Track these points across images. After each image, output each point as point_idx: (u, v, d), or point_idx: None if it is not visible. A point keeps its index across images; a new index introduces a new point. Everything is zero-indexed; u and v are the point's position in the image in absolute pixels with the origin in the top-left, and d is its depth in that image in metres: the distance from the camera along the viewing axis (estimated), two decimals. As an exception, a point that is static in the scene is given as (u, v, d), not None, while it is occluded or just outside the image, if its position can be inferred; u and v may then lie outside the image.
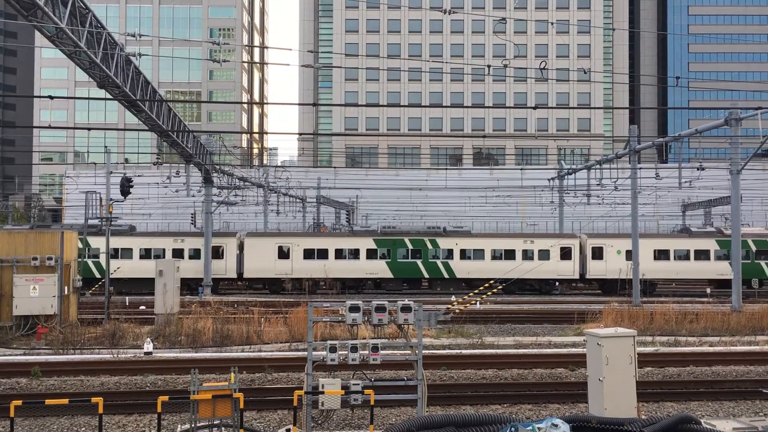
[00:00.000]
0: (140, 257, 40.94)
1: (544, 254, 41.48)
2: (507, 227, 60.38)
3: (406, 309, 11.81)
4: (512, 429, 8.63)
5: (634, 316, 25.24)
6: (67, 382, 16.13)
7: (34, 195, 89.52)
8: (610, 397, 11.11)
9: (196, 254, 40.84)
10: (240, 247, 41.63)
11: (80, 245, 39.27)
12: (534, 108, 19.67)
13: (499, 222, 60.53)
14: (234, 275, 41.30)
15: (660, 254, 41.81)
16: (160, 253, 40.30)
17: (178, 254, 40.35)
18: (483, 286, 35.53)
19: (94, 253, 39.24)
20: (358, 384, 11.55)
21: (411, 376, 12.37)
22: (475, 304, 31.23)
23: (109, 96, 23.76)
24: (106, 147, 35.15)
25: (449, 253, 41.90)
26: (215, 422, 11.21)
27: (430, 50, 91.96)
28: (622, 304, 30.11)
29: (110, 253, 27.76)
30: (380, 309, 11.76)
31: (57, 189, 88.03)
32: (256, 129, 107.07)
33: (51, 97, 16.95)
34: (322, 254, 41.28)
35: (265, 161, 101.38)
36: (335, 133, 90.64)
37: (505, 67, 29.94)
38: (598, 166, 43.18)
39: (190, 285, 38.93)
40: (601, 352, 11.22)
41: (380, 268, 41.60)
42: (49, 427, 12.72)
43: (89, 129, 21.71)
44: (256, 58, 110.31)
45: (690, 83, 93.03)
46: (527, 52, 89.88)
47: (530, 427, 8.57)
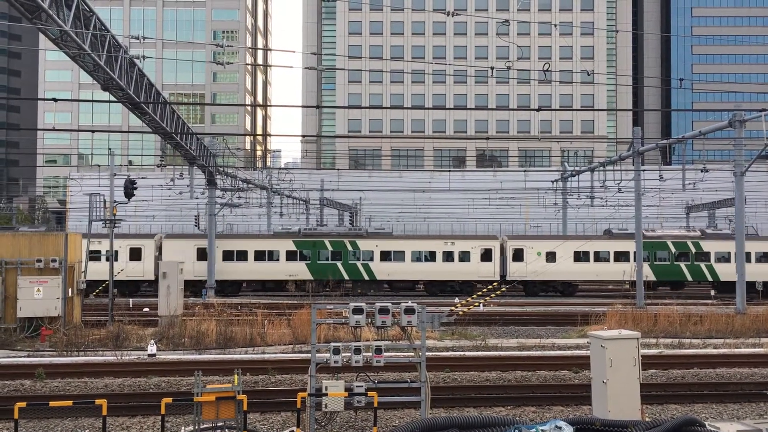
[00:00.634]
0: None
1: (465, 256, 41.24)
2: (510, 229, 60.31)
3: (409, 311, 11.82)
4: (516, 431, 8.63)
5: (638, 318, 25.20)
6: (71, 384, 16.15)
7: (39, 197, 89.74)
8: (614, 400, 11.09)
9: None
10: (159, 248, 41.17)
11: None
12: (537, 110, 19.66)
13: (503, 224, 60.47)
14: (152, 277, 40.05)
15: (581, 256, 41.57)
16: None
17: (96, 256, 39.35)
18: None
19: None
20: (362, 386, 11.55)
21: (414, 378, 12.37)
22: (478, 306, 31.22)
23: (113, 98, 23.81)
24: (109, 149, 35.23)
25: (369, 255, 41.54)
26: (219, 424, 11.22)
27: (434, 52, 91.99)
28: (626, 306, 30.09)
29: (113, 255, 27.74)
30: (384, 311, 11.77)
31: (61, 191, 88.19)
32: (259, 131, 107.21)
33: (55, 100, 17.00)
34: (242, 256, 40.95)
35: (268, 163, 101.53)
36: (338, 135, 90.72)
37: (508, 69, 29.94)
38: (601, 168, 43.13)
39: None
40: (604, 354, 11.21)
41: (300, 270, 41.20)
42: (53, 429, 12.73)
43: (93, 131, 21.77)
44: (260, 61, 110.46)
45: (693, 85, 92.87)
46: (530, 54, 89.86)
47: (534, 430, 8.57)
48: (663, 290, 43.91)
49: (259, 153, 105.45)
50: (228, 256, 41.21)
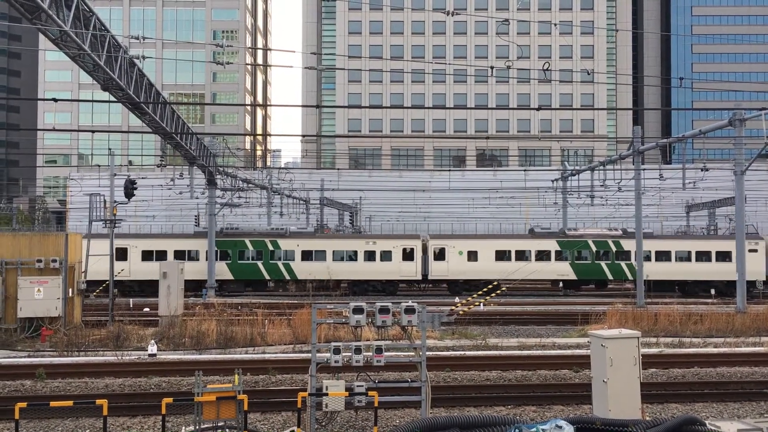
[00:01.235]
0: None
1: (387, 255, 41.03)
2: (511, 228, 60.29)
3: (410, 311, 11.82)
4: (516, 430, 8.63)
5: (639, 317, 25.21)
6: (72, 384, 16.16)
7: (39, 197, 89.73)
8: (615, 399, 11.09)
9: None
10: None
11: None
12: (537, 109, 19.65)
13: (503, 223, 60.47)
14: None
15: (502, 255, 41.51)
16: None
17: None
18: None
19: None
20: (362, 386, 11.55)
21: (415, 377, 12.37)
22: (479, 305, 31.22)
23: (112, 99, 23.81)
24: (109, 149, 35.19)
25: (291, 255, 41.21)
26: (219, 424, 11.23)
27: (433, 52, 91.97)
28: (626, 305, 30.09)
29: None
30: (384, 311, 11.77)
31: (61, 191, 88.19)
32: (259, 131, 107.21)
33: (55, 100, 17.00)
34: (161, 256, 40.21)
35: (268, 163, 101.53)
36: (338, 134, 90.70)
37: (508, 68, 29.90)
38: (601, 167, 43.12)
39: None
40: (605, 353, 11.21)
41: (221, 270, 40.67)
42: (54, 429, 12.74)
43: (93, 131, 21.76)
44: (260, 61, 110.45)
45: (693, 84, 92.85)
46: (530, 54, 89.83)
47: (534, 429, 8.57)
48: (587, 290, 43.80)
49: (259, 153, 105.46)
50: (147, 256, 40.39)
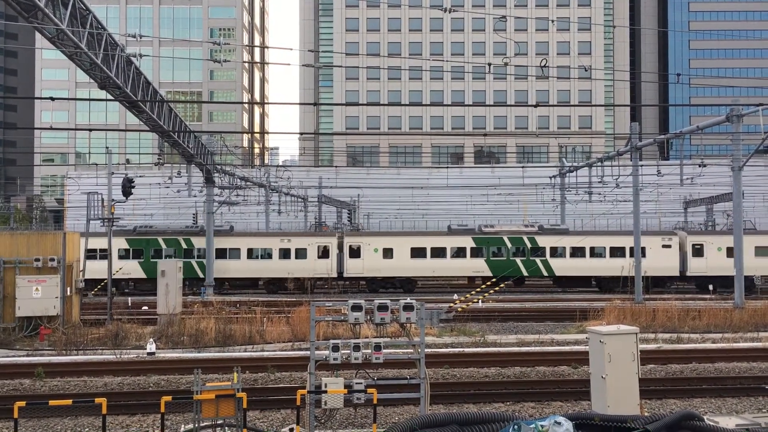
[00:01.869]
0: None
1: (302, 253, 40.83)
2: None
3: (408, 308, 11.83)
4: (515, 427, 8.63)
5: (637, 313, 25.25)
6: (71, 383, 16.16)
7: (36, 196, 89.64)
8: (613, 395, 11.11)
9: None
10: None
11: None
12: (535, 106, 19.67)
13: (501, 220, 60.49)
14: None
15: (417, 252, 41.22)
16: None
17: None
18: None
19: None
20: (361, 383, 11.56)
21: (414, 374, 12.39)
22: (477, 302, 31.24)
23: (110, 97, 23.77)
24: (107, 148, 35.13)
25: (202, 253, 40.71)
26: (218, 422, 11.24)
27: (431, 49, 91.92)
28: (624, 301, 30.12)
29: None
30: (383, 308, 11.78)
31: (59, 190, 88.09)
32: (257, 129, 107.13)
33: (52, 99, 16.96)
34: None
35: (266, 161, 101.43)
36: (336, 132, 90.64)
37: (505, 65, 29.95)
38: (599, 164, 43.16)
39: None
40: (603, 349, 11.23)
41: (133, 269, 40.18)
42: (53, 428, 12.74)
43: (90, 130, 21.73)
44: (257, 58, 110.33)
45: (691, 80, 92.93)
46: (528, 50, 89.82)
47: (533, 425, 8.57)
48: (506, 286, 43.70)
49: (256, 150, 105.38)
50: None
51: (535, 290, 43.52)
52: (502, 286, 37.46)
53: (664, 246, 41.10)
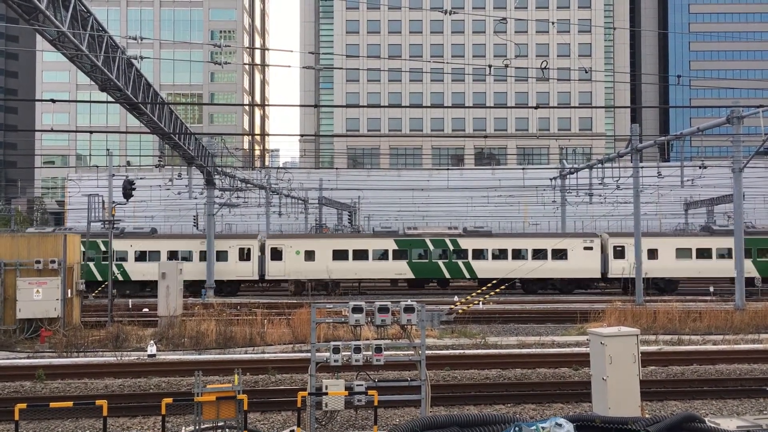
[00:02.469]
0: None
1: (223, 255, 40.49)
2: (510, 227, 60.36)
3: (409, 309, 11.83)
4: (516, 429, 8.62)
5: (637, 315, 25.24)
6: (71, 385, 16.15)
7: (37, 198, 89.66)
8: (614, 397, 11.10)
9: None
10: None
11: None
12: (535, 108, 19.66)
13: (502, 222, 60.51)
14: None
15: (339, 254, 40.98)
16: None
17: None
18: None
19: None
20: (362, 385, 11.56)
21: (414, 376, 12.38)
22: (478, 304, 31.23)
23: (110, 99, 23.80)
24: (108, 150, 35.21)
25: (123, 255, 40.40)
26: (219, 424, 11.23)
27: (431, 51, 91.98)
28: (625, 303, 30.11)
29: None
30: (383, 310, 11.78)
31: (59, 192, 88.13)
32: (257, 131, 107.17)
33: (53, 101, 16.99)
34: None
35: (266, 163, 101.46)
36: (337, 134, 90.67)
37: (506, 67, 29.88)
38: (600, 166, 43.15)
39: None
40: (604, 351, 11.22)
41: None
42: (54, 430, 12.74)
43: (91, 132, 21.76)
44: (257, 60, 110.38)
45: (691, 81, 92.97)
46: (528, 52, 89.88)
47: (534, 427, 8.57)
48: (431, 287, 43.69)
49: (257, 153, 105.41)
50: None
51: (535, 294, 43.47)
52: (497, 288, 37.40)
53: (585, 248, 41.13)
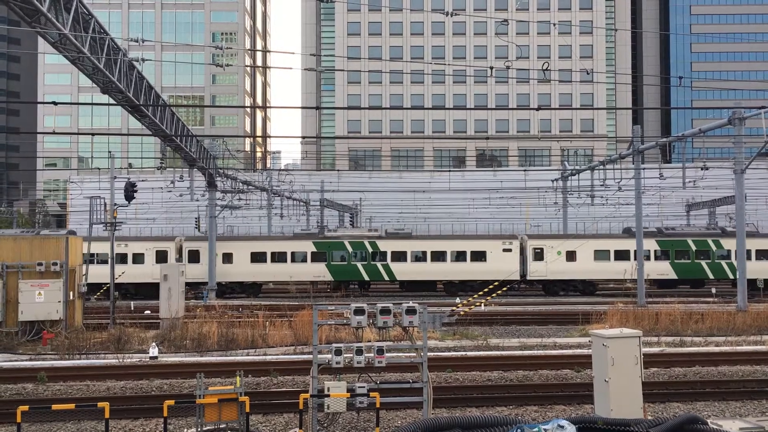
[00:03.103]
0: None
1: (139, 258, 40.33)
2: (511, 228, 60.28)
3: (410, 311, 11.82)
4: (518, 431, 8.61)
5: (639, 316, 25.21)
6: (73, 387, 16.16)
7: (39, 201, 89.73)
8: (616, 398, 11.08)
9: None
10: None
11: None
12: (537, 109, 19.67)
13: (503, 224, 60.45)
14: None
15: (259, 256, 40.88)
16: None
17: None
18: None
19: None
20: (364, 387, 11.55)
21: (416, 378, 12.37)
22: (480, 305, 31.22)
23: (112, 101, 23.83)
24: (109, 152, 35.17)
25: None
26: (221, 426, 11.23)
27: (432, 52, 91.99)
28: (627, 304, 30.08)
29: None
30: (385, 311, 11.77)
31: (61, 194, 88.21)
32: (259, 133, 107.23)
33: (55, 103, 17.02)
34: None
35: (268, 165, 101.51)
36: (338, 136, 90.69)
37: (507, 68, 29.95)
38: (601, 167, 43.12)
39: None
40: (606, 352, 11.20)
41: None
42: (56, 432, 12.74)
43: (93, 134, 21.80)
44: (259, 62, 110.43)
45: (693, 83, 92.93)
46: (529, 54, 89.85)
47: (536, 429, 8.55)
48: (349, 290, 43.52)
49: (258, 155, 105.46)
50: None
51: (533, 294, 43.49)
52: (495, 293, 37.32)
53: (504, 250, 41.22)
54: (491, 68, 21.00)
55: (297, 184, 56.39)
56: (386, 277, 41.62)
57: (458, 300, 34.77)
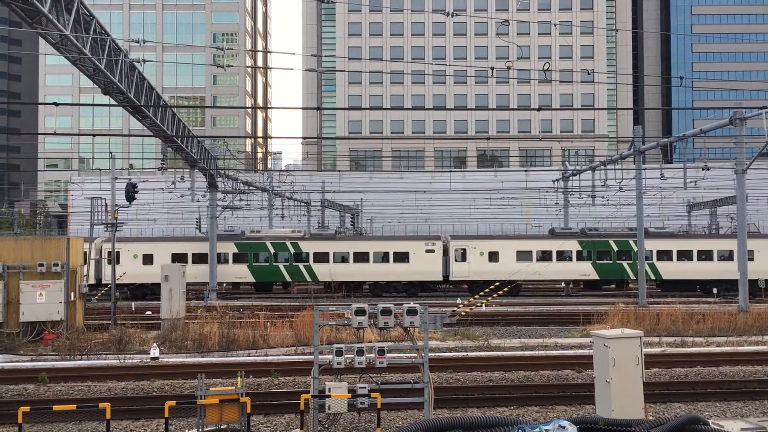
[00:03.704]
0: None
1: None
2: (512, 229, 60.27)
3: (412, 312, 11.82)
4: (519, 431, 8.62)
5: (641, 317, 25.19)
6: (75, 388, 16.16)
7: (40, 201, 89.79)
8: (618, 399, 11.08)
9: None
10: None
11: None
12: (538, 109, 19.67)
13: (504, 224, 60.44)
14: None
15: (179, 258, 40.45)
16: None
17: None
18: None
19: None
20: (365, 387, 11.55)
21: (417, 378, 12.37)
22: (480, 306, 31.22)
23: (113, 102, 23.85)
24: (110, 153, 35.21)
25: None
26: (222, 426, 11.24)
27: (433, 53, 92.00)
28: (628, 305, 30.07)
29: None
30: (386, 312, 11.77)
31: (62, 195, 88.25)
32: (260, 133, 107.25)
33: (56, 104, 17.04)
34: None
35: (269, 165, 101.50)
36: (339, 136, 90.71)
37: (508, 69, 29.87)
38: (602, 167, 43.11)
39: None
40: (607, 353, 11.20)
41: None
42: (57, 433, 12.74)
43: (94, 135, 21.83)
44: (260, 63, 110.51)
45: (694, 83, 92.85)
46: (530, 54, 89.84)
47: (537, 429, 8.56)
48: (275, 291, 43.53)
49: (259, 155, 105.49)
50: None
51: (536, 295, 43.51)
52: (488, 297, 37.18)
53: (427, 251, 41.22)
54: (492, 69, 20.99)
55: (298, 185, 56.40)
56: (308, 279, 41.57)
57: (459, 300, 34.78)
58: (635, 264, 40.80)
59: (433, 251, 41.21)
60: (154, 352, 19.72)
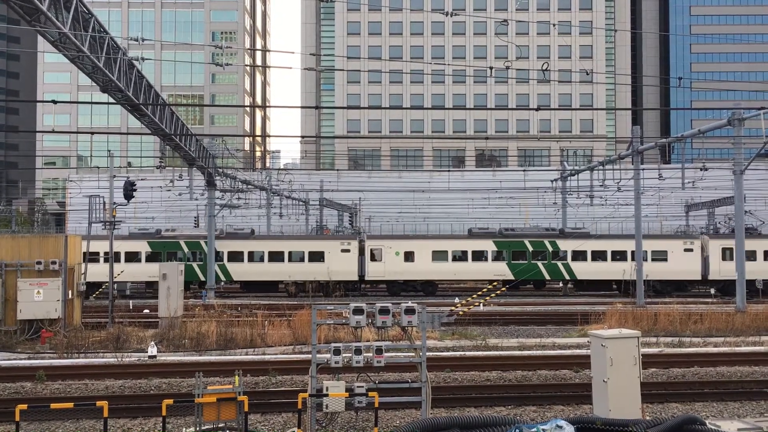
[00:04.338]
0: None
1: None
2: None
3: (409, 311, 11.83)
4: (517, 431, 8.63)
5: (638, 317, 25.22)
6: (72, 386, 16.15)
7: (38, 199, 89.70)
8: (615, 399, 11.09)
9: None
10: None
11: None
12: (536, 109, 19.67)
13: (502, 223, 60.44)
14: None
15: (91, 256, 40.66)
16: None
17: None
18: None
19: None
20: (363, 386, 11.55)
21: (415, 378, 12.38)
22: (478, 305, 31.23)
23: (112, 100, 23.82)
24: (109, 151, 35.14)
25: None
26: (220, 425, 11.23)
27: (432, 52, 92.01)
28: (626, 305, 30.10)
29: None
30: (384, 311, 11.78)
31: (60, 193, 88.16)
32: (258, 132, 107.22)
33: (54, 102, 17.01)
34: None
35: (267, 164, 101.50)
36: (338, 135, 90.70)
37: (507, 68, 29.93)
38: (601, 167, 43.14)
39: None
40: (605, 353, 11.21)
41: None
42: (55, 431, 12.73)
43: (92, 133, 21.77)
44: (258, 62, 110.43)
45: (692, 84, 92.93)
46: (529, 54, 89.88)
47: (535, 429, 8.57)
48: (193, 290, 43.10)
49: (258, 154, 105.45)
50: None
51: (536, 294, 43.50)
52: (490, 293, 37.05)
53: (343, 250, 41.24)
54: (491, 68, 21.02)
55: (296, 184, 56.40)
56: (223, 278, 41.50)
57: (457, 300, 34.79)
58: (550, 264, 40.93)
59: (348, 251, 41.23)
60: (152, 350, 19.71)
